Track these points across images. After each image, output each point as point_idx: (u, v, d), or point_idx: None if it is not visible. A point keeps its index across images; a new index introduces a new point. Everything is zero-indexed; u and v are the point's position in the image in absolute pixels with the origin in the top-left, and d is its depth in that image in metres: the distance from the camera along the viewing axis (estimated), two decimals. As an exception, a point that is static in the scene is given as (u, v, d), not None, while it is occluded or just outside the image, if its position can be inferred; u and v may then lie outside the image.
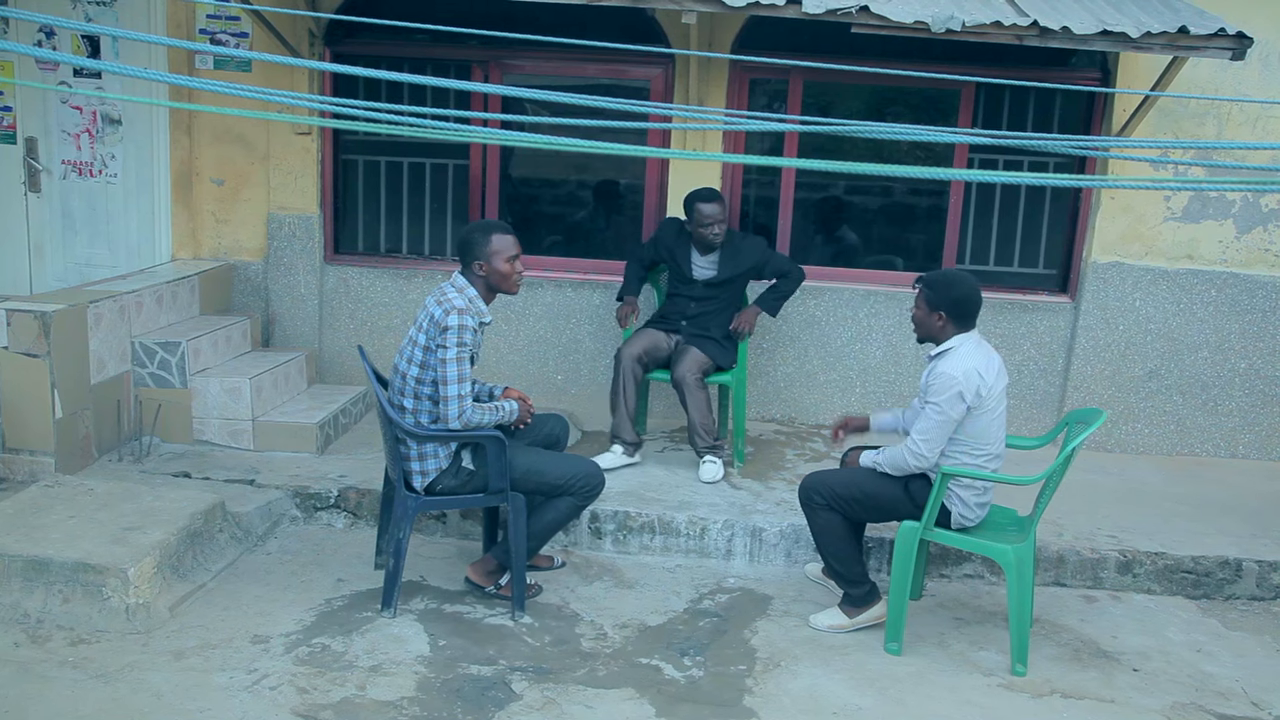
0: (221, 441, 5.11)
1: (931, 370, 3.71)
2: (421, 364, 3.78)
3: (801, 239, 5.93)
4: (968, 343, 3.69)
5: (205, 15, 5.69)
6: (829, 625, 3.94)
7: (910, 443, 3.69)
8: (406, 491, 3.84)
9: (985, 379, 3.63)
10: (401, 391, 3.85)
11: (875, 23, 4.58)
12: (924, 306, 3.74)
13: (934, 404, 3.63)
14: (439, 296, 3.80)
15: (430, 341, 3.75)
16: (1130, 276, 5.67)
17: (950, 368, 3.62)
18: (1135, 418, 5.80)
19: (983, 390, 3.62)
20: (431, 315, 3.76)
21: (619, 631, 3.87)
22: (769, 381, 5.92)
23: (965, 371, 3.60)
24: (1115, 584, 4.46)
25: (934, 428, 3.64)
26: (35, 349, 4.51)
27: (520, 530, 3.85)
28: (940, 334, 3.73)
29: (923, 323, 3.76)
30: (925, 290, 3.73)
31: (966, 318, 3.71)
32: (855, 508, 3.85)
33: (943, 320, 3.70)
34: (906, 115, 5.90)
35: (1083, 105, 5.71)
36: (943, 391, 3.61)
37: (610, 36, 4.76)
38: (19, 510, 4.01)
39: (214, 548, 4.15)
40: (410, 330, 3.88)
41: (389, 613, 3.85)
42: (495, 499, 3.89)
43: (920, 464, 3.68)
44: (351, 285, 5.96)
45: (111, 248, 6.02)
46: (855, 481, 3.85)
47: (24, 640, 3.52)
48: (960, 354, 3.66)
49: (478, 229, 3.89)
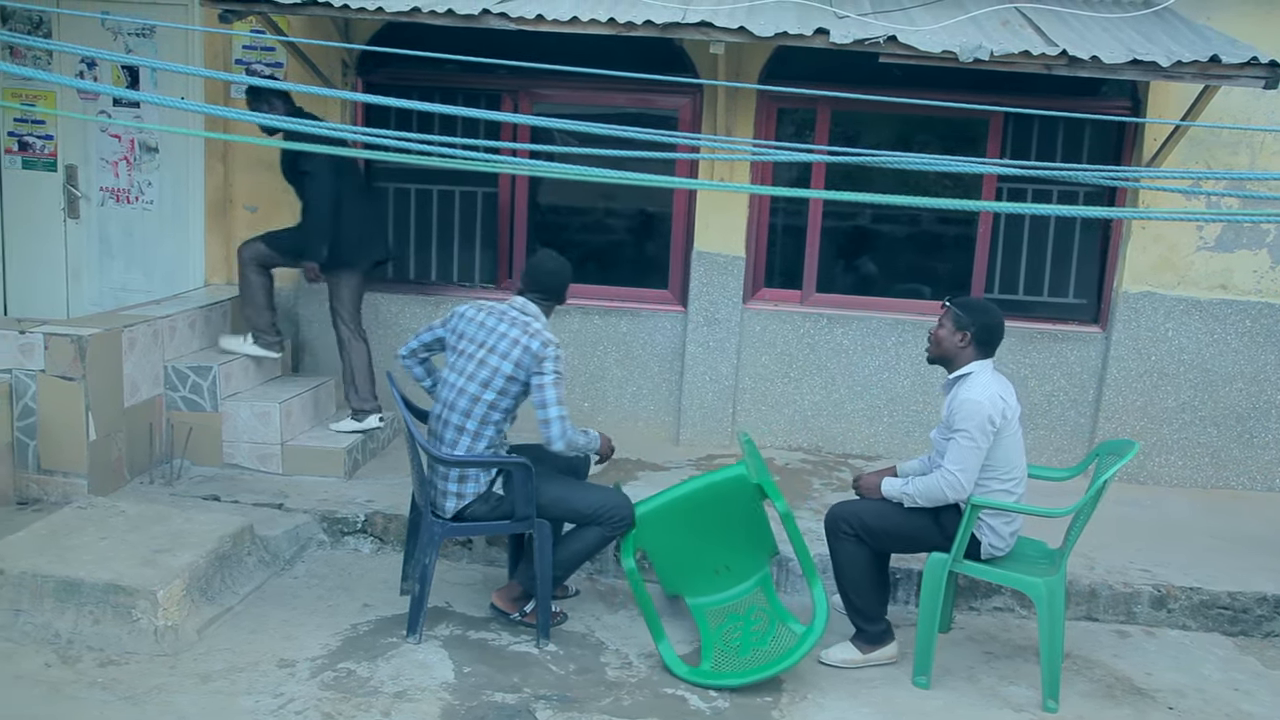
0: (251, 465, 5.15)
1: (954, 398, 3.69)
2: (501, 390, 3.79)
3: (829, 268, 5.93)
4: (986, 369, 3.70)
5: (241, 46, 5.81)
6: (841, 660, 3.87)
7: (944, 474, 3.63)
8: (434, 518, 3.85)
9: (1008, 402, 3.65)
10: (467, 413, 3.82)
11: (903, 52, 4.59)
12: (950, 325, 3.73)
13: (964, 431, 3.60)
14: (525, 328, 3.82)
15: (518, 371, 3.77)
16: (1162, 306, 5.62)
17: (974, 394, 3.61)
18: (1168, 450, 5.72)
19: (1007, 413, 3.63)
20: (526, 347, 3.77)
21: (644, 661, 3.84)
22: (796, 410, 5.90)
23: (990, 396, 3.60)
24: (1149, 619, 4.38)
25: (968, 455, 3.60)
26: (71, 372, 4.58)
27: (546, 557, 3.85)
28: (958, 356, 3.72)
29: (943, 340, 3.74)
30: (955, 310, 3.74)
31: (989, 344, 3.72)
32: (884, 540, 3.81)
33: (966, 341, 3.70)
34: (934, 144, 5.89)
35: (1113, 135, 5.69)
36: (971, 418, 3.58)
37: (639, 66, 4.81)
38: (52, 531, 4.05)
39: (242, 571, 4.17)
40: (473, 350, 3.85)
41: (414, 638, 3.85)
42: (522, 525, 3.89)
43: (957, 495, 3.63)
44: (381, 312, 6.01)
45: (147, 273, 6.12)
46: (885, 513, 3.80)
47: (55, 661, 3.55)
48: (981, 380, 3.66)
49: (568, 273, 4.02)
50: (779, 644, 3.76)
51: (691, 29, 4.70)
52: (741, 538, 3.99)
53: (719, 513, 3.95)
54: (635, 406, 5.98)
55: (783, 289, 5.93)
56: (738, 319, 5.81)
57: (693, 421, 5.90)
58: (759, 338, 5.85)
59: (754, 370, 5.88)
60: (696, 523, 3.95)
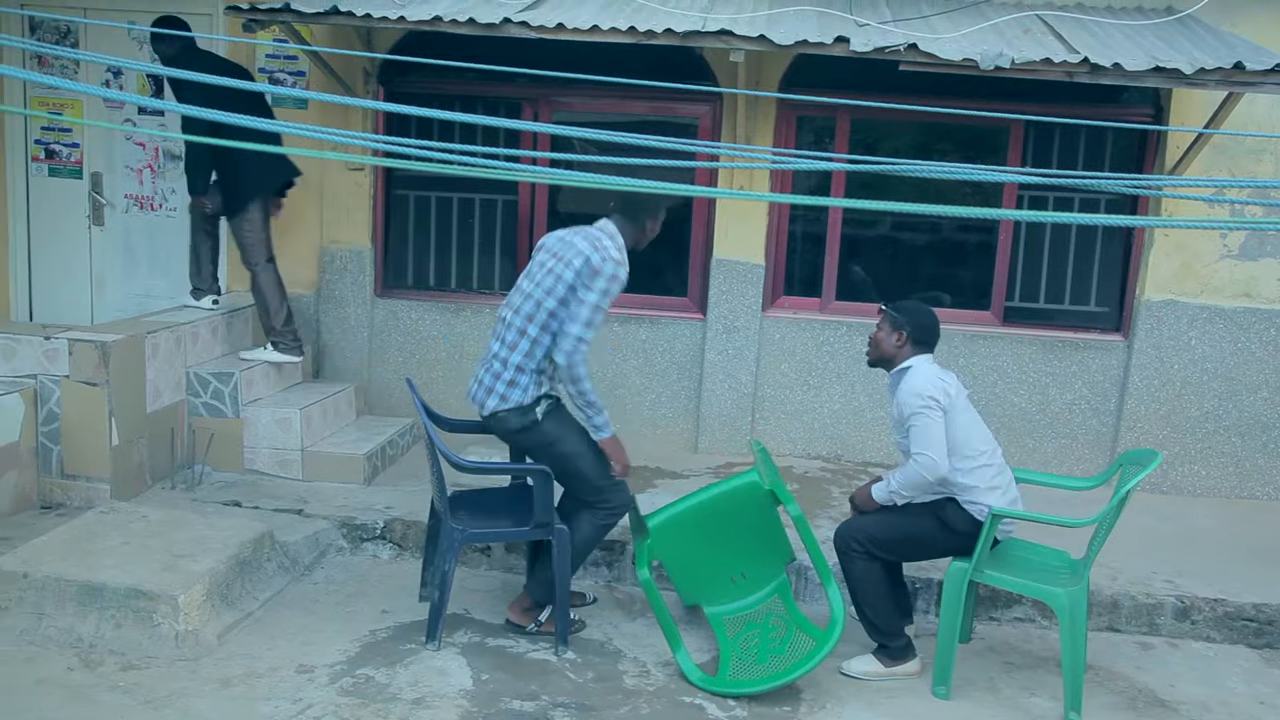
0: (271, 471, 5.18)
1: (898, 396, 3.79)
2: (562, 300, 3.79)
3: (849, 276, 5.91)
4: (925, 362, 3.82)
5: (265, 55, 5.86)
6: (863, 672, 3.85)
7: (915, 459, 3.68)
8: (453, 524, 3.86)
9: (949, 382, 3.77)
10: (529, 318, 3.81)
11: (923, 60, 4.58)
12: (886, 327, 3.86)
13: (915, 414, 3.69)
14: (595, 243, 3.81)
15: (577, 281, 3.77)
16: (1185, 315, 5.57)
17: (912, 383, 3.74)
18: (1192, 459, 5.67)
19: (950, 391, 3.74)
20: (588, 259, 3.76)
21: (662, 669, 3.84)
22: (815, 418, 5.88)
23: (926, 379, 3.73)
24: (1172, 631, 4.34)
25: (928, 432, 3.66)
26: (95, 378, 4.62)
27: (565, 564, 3.84)
28: (897, 355, 3.83)
29: (881, 342, 3.86)
30: (890, 312, 3.88)
31: (925, 342, 3.84)
32: (895, 548, 3.81)
33: (902, 341, 3.82)
34: (954, 152, 5.87)
35: (1135, 142, 5.65)
36: (915, 404, 3.69)
37: (658, 74, 4.82)
38: (75, 536, 4.08)
39: (262, 576, 4.19)
40: (546, 259, 3.87)
41: (433, 645, 3.85)
42: (540, 533, 3.89)
43: (935, 473, 3.65)
44: (401, 318, 6.04)
45: (170, 279, 6.17)
46: (891, 522, 3.81)
47: (77, 664, 3.58)
48: (918, 371, 3.78)
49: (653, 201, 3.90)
50: (796, 650, 3.74)
51: (712, 37, 4.70)
52: (757, 545, 3.98)
53: (734, 520, 3.94)
54: (654, 414, 5.98)
55: (802, 297, 5.93)
56: (757, 327, 5.80)
57: (711, 429, 5.89)
58: (778, 345, 5.84)
59: (773, 378, 5.87)
60: (711, 531, 3.94)
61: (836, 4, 5.40)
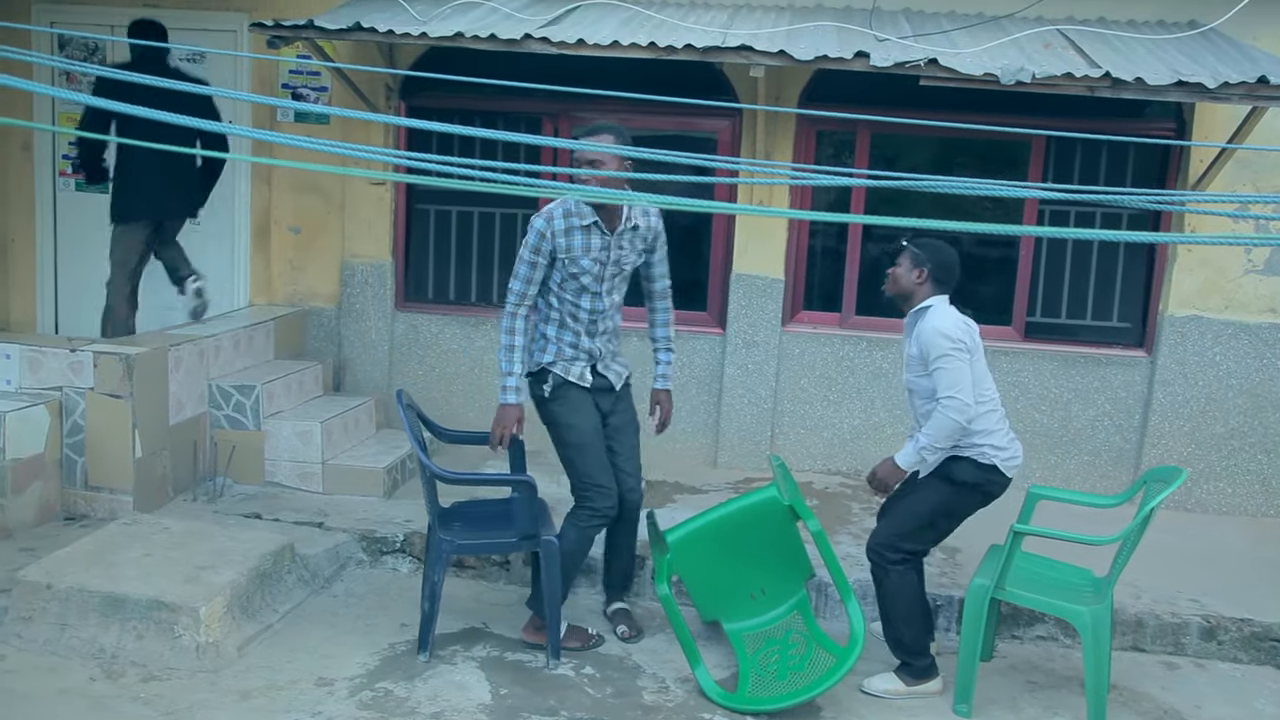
0: (291, 484, 5.21)
1: (918, 333, 3.75)
2: None
3: (868, 290, 5.89)
4: (944, 303, 3.79)
5: (288, 70, 5.92)
6: (884, 690, 3.82)
7: (943, 404, 3.63)
8: (442, 535, 3.88)
9: (971, 326, 3.75)
10: None
11: (944, 75, 4.58)
12: (907, 263, 3.83)
13: (942, 356, 3.64)
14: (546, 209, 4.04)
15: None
16: (1210, 330, 5.52)
17: (936, 323, 3.69)
18: (1217, 477, 5.61)
19: (974, 335, 3.73)
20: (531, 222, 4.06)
21: (681, 685, 3.82)
22: (834, 433, 5.86)
23: (952, 321, 3.70)
24: (1198, 651, 4.29)
25: (956, 374, 3.63)
26: (119, 390, 4.66)
27: (554, 577, 3.85)
28: (916, 292, 3.80)
29: (900, 278, 3.82)
30: (912, 248, 3.84)
31: (944, 282, 3.81)
32: (927, 534, 3.81)
33: (923, 279, 3.79)
34: (974, 167, 5.85)
35: (1157, 157, 5.62)
36: (944, 346, 3.65)
37: (678, 90, 4.84)
38: (99, 547, 4.12)
39: (282, 589, 4.21)
40: None
41: (424, 655, 3.86)
42: (527, 545, 3.94)
43: (964, 414, 3.61)
44: (421, 332, 6.06)
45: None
46: (910, 511, 3.80)
47: (99, 675, 3.60)
48: (940, 311, 3.74)
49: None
50: (816, 667, 3.72)
51: (732, 53, 4.72)
52: (776, 561, 3.96)
53: (753, 536, 3.92)
54: (673, 428, 5.91)
55: (822, 311, 5.91)
56: (776, 341, 5.79)
57: (731, 444, 5.88)
58: (798, 360, 5.83)
59: (793, 393, 5.85)
60: (730, 547, 3.93)
61: (856, 19, 5.40)
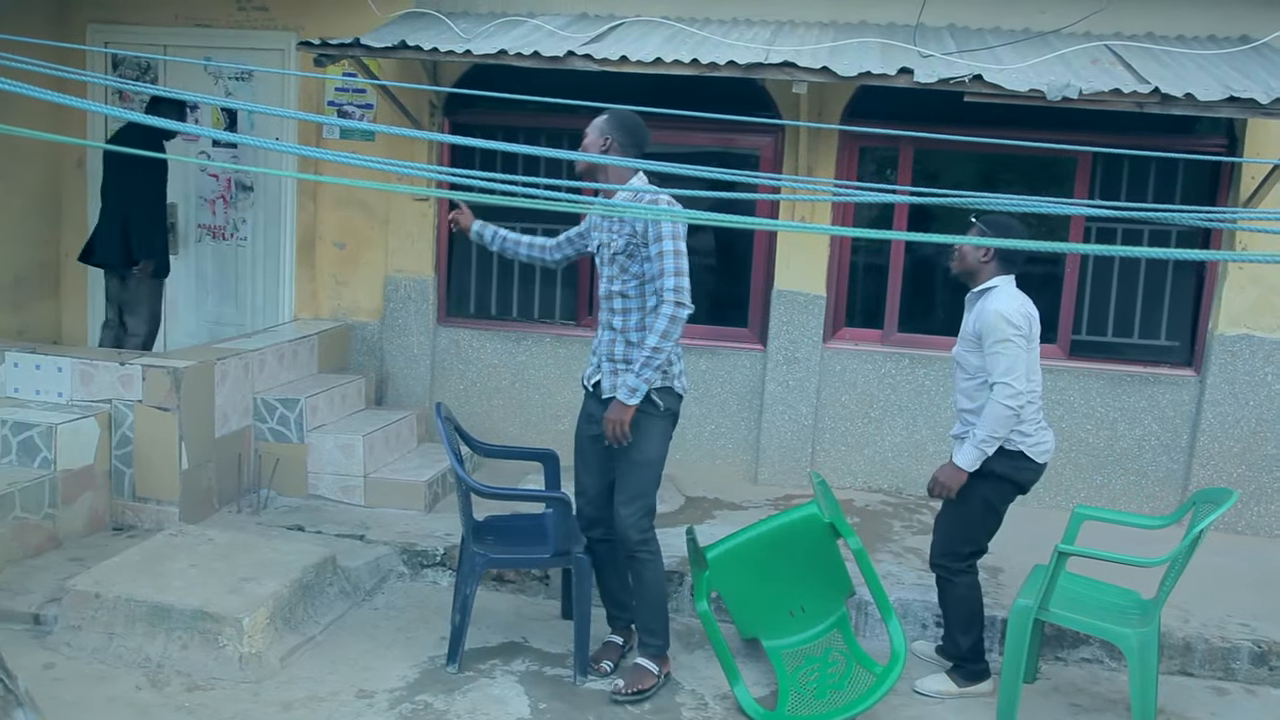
0: (334, 496, 5.26)
1: (980, 312, 3.75)
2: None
3: (910, 307, 5.85)
4: (1009, 284, 3.78)
5: (334, 88, 6.01)
6: (936, 691, 3.88)
7: (996, 390, 3.64)
8: (475, 549, 3.90)
9: (1032, 312, 3.75)
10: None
11: (989, 91, 4.55)
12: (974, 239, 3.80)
13: (1001, 341, 3.65)
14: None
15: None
16: (1261, 350, 5.41)
17: (1000, 306, 3.69)
18: (1269, 499, 5.49)
19: (1033, 321, 3.73)
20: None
21: (720, 702, 3.80)
22: (876, 451, 5.81)
23: (1016, 305, 3.70)
24: (1249, 676, 4.19)
25: (1013, 360, 3.64)
26: (166, 403, 4.74)
27: (586, 593, 3.86)
28: (981, 271, 3.80)
29: (968, 255, 3.82)
30: (980, 225, 3.83)
31: (1012, 260, 3.80)
32: (980, 532, 3.83)
33: (989, 257, 3.77)
34: (1019, 183, 5.80)
35: (1207, 173, 5.53)
36: (1006, 331, 3.65)
37: (720, 106, 4.84)
38: (145, 557, 4.18)
39: (324, 601, 4.24)
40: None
41: (453, 667, 3.87)
42: (560, 561, 3.95)
43: (1017, 400, 3.63)
44: (463, 347, 6.11)
45: (239, 307, 6.33)
46: (959, 517, 3.82)
47: (145, 684, 3.65)
48: (1006, 293, 3.74)
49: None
50: (856, 686, 3.68)
51: (774, 69, 4.72)
52: (817, 578, 3.93)
53: (793, 553, 3.90)
54: (713, 445, 5.96)
55: (864, 328, 5.88)
56: (818, 358, 5.76)
57: (771, 461, 5.85)
58: (839, 377, 5.79)
59: (834, 410, 5.82)
60: (770, 564, 3.90)
61: (900, 35, 5.39)
